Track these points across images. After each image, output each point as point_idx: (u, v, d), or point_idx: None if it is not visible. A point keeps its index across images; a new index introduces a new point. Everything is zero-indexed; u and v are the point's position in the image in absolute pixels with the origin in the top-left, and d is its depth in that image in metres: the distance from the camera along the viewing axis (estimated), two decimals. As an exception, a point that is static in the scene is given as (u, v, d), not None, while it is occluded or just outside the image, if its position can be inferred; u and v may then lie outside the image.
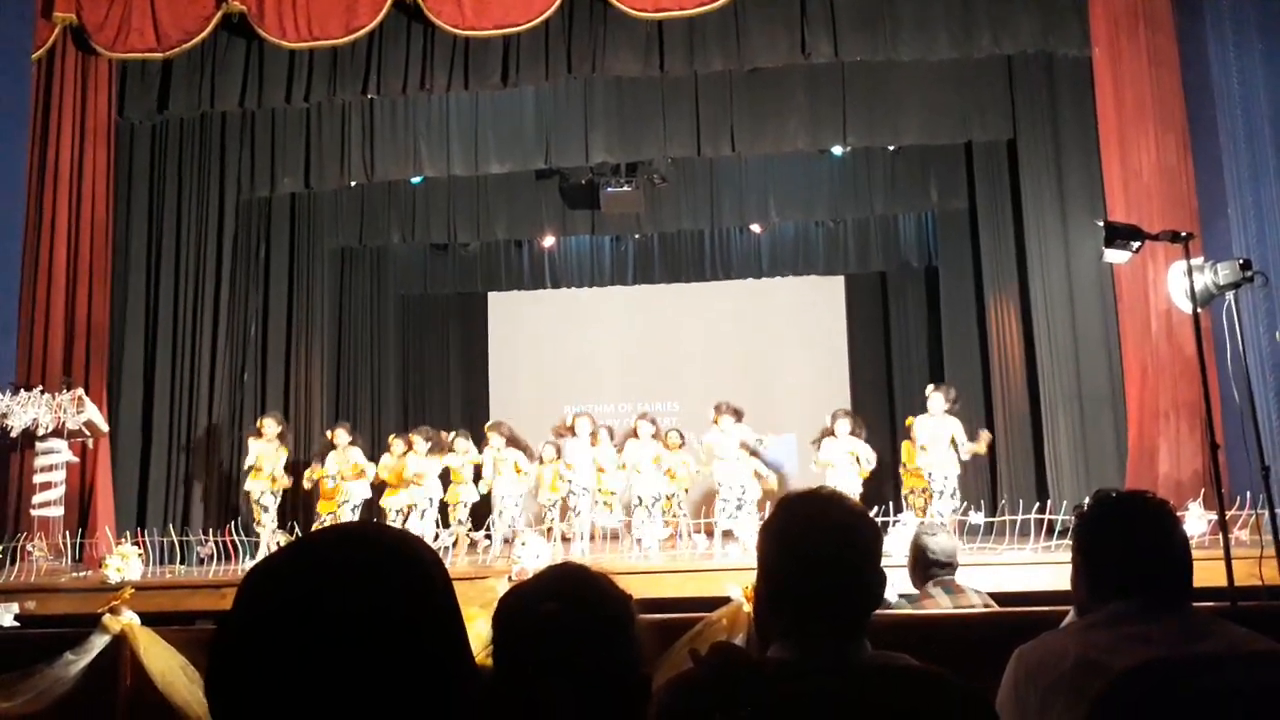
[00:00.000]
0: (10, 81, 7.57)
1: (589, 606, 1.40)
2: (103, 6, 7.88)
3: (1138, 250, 3.90)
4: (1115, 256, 3.97)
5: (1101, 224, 3.99)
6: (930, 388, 7.85)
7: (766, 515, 1.65)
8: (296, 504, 8.92)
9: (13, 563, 6.74)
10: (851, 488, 7.57)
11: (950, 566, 3.72)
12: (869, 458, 7.58)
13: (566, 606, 1.37)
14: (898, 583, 4.18)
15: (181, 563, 7.15)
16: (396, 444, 8.25)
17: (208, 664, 0.89)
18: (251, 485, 7.90)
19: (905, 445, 7.92)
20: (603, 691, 1.33)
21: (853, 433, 7.64)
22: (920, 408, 7.83)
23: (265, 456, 7.91)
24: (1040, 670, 1.76)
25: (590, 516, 8.08)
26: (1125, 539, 1.84)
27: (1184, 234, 3.80)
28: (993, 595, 3.85)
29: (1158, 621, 1.74)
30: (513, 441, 8.27)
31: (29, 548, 6.85)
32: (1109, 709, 1.58)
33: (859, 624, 1.46)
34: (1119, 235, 3.84)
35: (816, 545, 1.47)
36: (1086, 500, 6.08)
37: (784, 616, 1.48)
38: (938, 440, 7.51)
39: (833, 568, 1.45)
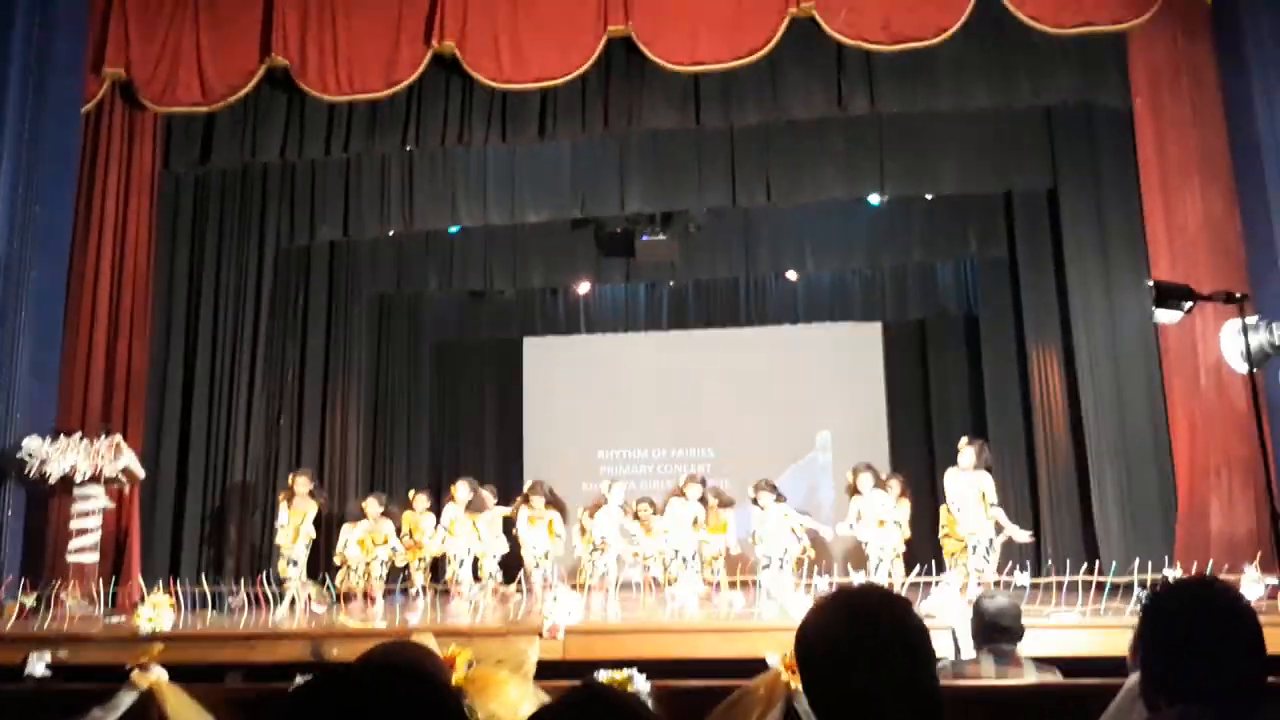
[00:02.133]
0: (60, 134, 7.73)
1: None
2: (151, 61, 8.05)
3: (1189, 311, 3.78)
4: (1166, 317, 3.85)
5: (1151, 284, 3.88)
6: (963, 441, 7.68)
7: (809, 606, 1.58)
8: (331, 553, 8.89)
9: (47, 609, 6.73)
10: (889, 545, 7.42)
11: (1010, 632, 3.58)
12: (900, 519, 7.49)
13: None
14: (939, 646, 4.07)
15: (214, 608, 7.13)
16: (420, 499, 8.26)
17: None
18: (282, 540, 7.93)
19: (944, 510, 7.77)
20: None
21: (877, 486, 7.55)
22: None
23: (295, 515, 7.94)
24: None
25: (624, 572, 8.03)
26: (1199, 636, 1.72)
27: (1239, 295, 3.68)
28: (1039, 660, 3.69)
29: None
30: (552, 503, 8.32)
31: (63, 595, 6.85)
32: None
33: None
34: (1170, 295, 3.73)
35: (876, 649, 1.44)
36: (1142, 586, 5.89)
37: (842, 715, 1.44)
38: (967, 498, 7.33)
39: (896, 673, 1.43)
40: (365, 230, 9.34)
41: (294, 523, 7.85)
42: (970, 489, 7.34)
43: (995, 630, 3.54)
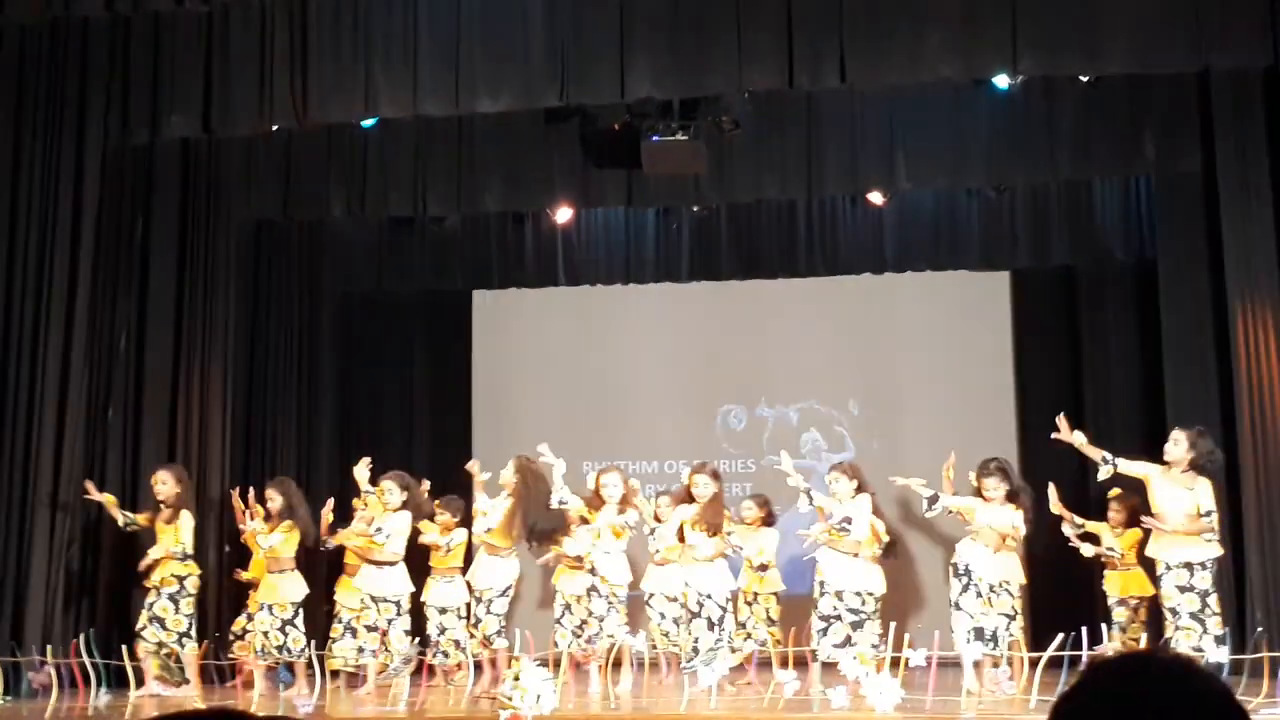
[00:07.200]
0: None
1: None
2: None
3: None
4: None
5: None
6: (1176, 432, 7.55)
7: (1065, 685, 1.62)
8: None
9: None
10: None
11: None
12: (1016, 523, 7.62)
13: None
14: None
15: (6, 695, 7.09)
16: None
17: None
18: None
19: (1107, 528, 7.68)
20: None
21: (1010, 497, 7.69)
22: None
23: (162, 531, 8.16)
24: None
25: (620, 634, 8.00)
26: None
27: None
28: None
29: None
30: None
31: None
32: None
33: None
34: None
35: None
36: None
37: None
38: (1174, 512, 7.23)
39: None
40: (236, 124, 9.19)
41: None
42: (1179, 499, 7.24)
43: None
